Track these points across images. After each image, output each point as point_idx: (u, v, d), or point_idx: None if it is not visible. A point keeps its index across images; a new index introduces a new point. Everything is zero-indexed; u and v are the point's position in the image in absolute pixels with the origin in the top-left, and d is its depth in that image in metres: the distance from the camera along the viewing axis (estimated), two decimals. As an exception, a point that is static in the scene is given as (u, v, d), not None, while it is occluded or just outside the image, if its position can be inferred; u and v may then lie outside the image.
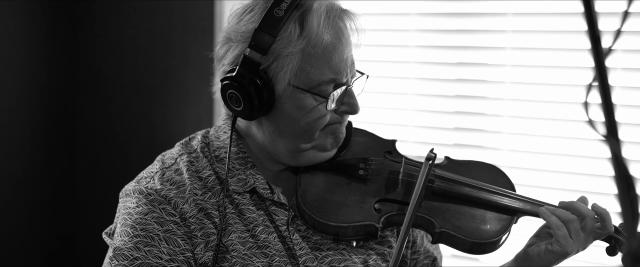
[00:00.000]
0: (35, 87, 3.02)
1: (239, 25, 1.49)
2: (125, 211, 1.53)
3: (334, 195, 1.56)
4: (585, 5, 0.73)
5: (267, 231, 1.53)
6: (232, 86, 1.46)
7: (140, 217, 1.49)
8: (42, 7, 3.00)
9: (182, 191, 1.52)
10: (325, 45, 1.46)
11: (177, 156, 1.58)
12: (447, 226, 1.54)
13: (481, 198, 1.58)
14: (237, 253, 1.50)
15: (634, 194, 0.73)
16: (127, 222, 1.50)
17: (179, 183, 1.53)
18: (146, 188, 1.52)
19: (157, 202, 1.50)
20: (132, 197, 1.53)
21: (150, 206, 1.50)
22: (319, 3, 1.47)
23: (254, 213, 1.54)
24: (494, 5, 2.51)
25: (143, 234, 1.48)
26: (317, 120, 1.50)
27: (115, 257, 1.48)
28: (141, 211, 1.50)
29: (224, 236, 1.50)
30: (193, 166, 1.56)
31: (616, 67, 2.29)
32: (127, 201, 1.54)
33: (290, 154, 1.54)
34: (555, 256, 1.51)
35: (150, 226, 1.48)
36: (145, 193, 1.51)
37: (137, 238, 1.48)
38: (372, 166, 1.59)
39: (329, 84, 1.48)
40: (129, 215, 1.51)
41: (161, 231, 1.48)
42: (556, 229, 1.50)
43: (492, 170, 1.69)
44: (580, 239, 1.51)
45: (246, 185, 1.54)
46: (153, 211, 1.49)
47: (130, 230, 1.49)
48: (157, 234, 1.48)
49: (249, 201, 1.54)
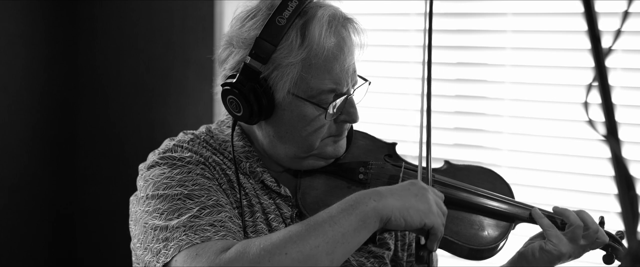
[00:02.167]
0: (35, 87, 3.02)
1: (241, 30, 1.48)
2: (161, 177, 1.45)
3: (333, 198, 1.55)
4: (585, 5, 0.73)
5: (277, 220, 1.53)
6: (232, 92, 1.45)
7: (184, 176, 1.44)
8: (42, 7, 3.01)
9: (206, 158, 1.50)
10: (326, 55, 1.45)
11: (188, 139, 1.56)
12: (445, 232, 1.54)
13: (480, 204, 1.57)
14: (256, 234, 1.48)
15: (634, 194, 0.73)
16: (171, 184, 1.43)
17: (202, 153, 1.51)
18: (177, 155, 1.48)
19: (193, 163, 1.47)
20: (162, 165, 1.48)
21: (189, 166, 1.46)
22: (322, 11, 1.46)
23: (266, 201, 1.54)
24: (494, 5, 2.51)
25: (197, 188, 1.42)
26: (317, 130, 1.49)
27: (185, 198, 1.41)
28: (181, 171, 1.45)
29: (248, 215, 1.49)
30: (209, 145, 1.55)
31: (616, 67, 2.29)
32: (155, 170, 1.48)
33: (289, 159, 1.54)
34: (549, 256, 1.52)
35: (200, 181, 1.44)
36: (178, 158, 1.48)
37: (193, 191, 1.42)
38: (372, 171, 1.59)
39: (329, 93, 1.47)
40: (169, 178, 1.44)
41: (213, 185, 1.45)
42: (547, 229, 1.52)
43: (492, 176, 1.68)
44: (577, 245, 1.52)
45: (255, 176, 1.55)
46: (194, 170, 1.45)
47: (180, 188, 1.42)
48: (211, 187, 1.44)
49: (261, 189, 1.54)
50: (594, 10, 0.73)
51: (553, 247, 1.51)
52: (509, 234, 1.57)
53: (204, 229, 1.36)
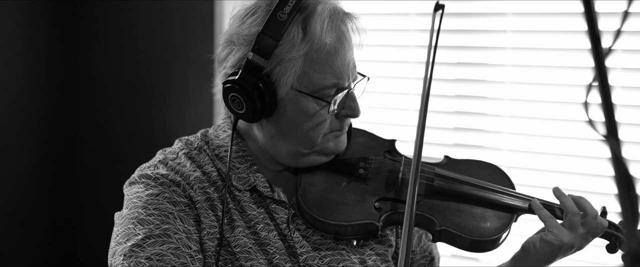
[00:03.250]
0: (35, 87, 3.02)
1: (241, 28, 1.48)
2: (134, 196, 1.50)
3: (334, 194, 1.56)
4: (585, 5, 0.73)
5: (267, 229, 1.53)
6: (235, 89, 1.46)
7: (151, 198, 1.47)
8: (42, 7, 3.00)
9: (186, 177, 1.52)
10: (328, 50, 1.46)
11: (178, 150, 1.58)
12: (447, 224, 1.54)
13: (481, 196, 1.58)
14: (240, 249, 1.50)
15: (634, 194, 0.73)
16: (138, 204, 1.48)
17: (183, 172, 1.53)
18: (153, 173, 1.51)
19: (166, 184, 1.49)
20: (139, 183, 1.51)
21: (161, 188, 1.49)
22: (322, 6, 1.47)
23: (254, 211, 1.54)
24: (494, 5, 2.51)
25: (157, 213, 1.46)
26: (319, 125, 1.50)
27: (139, 223, 1.45)
28: (152, 192, 1.48)
29: (228, 231, 1.50)
30: (195, 161, 1.56)
31: (616, 67, 2.29)
32: (133, 188, 1.52)
33: (290, 156, 1.54)
34: (550, 246, 1.51)
35: (163, 205, 1.47)
36: (153, 177, 1.50)
37: (152, 216, 1.46)
38: (372, 165, 1.60)
39: (331, 88, 1.48)
40: (139, 198, 1.49)
41: (175, 210, 1.47)
42: (546, 220, 1.52)
43: (492, 168, 1.69)
44: (577, 234, 1.51)
45: (246, 183, 1.54)
46: (164, 192, 1.48)
47: (143, 210, 1.47)
48: (172, 213, 1.46)
49: (250, 198, 1.54)
50: (594, 10, 0.73)
51: (553, 238, 1.50)
52: (511, 225, 1.57)
53: (139, 263, 1.41)
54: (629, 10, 0.76)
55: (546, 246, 1.51)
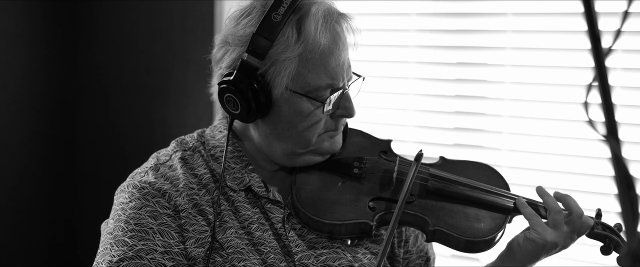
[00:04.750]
0: (35, 87, 3.02)
1: (236, 28, 1.49)
2: (119, 206, 1.53)
3: (328, 193, 1.57)
4: (585, 5, 0.73)
5: (262, 229, 1.53)
6: (230, 90, 1.46)
7: (133, 212, 1.49)
8: (42, 7, 3.01)
9: (175, 184, 1.52)
10: (322, 50, 1.46)
11: (172, 152, 1.59)
12: (440, 225, 1.55)
13: (475, 197, 1.58)
14: (232, 249, 1.50)
15: (634, 194, 0.73)
16: (121, 218, 1.50)
17: (172, 178, 1.54)
18: (139, 182, 1.53)
19: (150, 195, 1.50)
20: (126, 192, 1.53)
21: (143, 200, 1.50)
22: (316, 7, 1.47)
23: (249, 211, 1.54)
24: (494, 5, 2.51)
25: (137, 228, 1.48)
26: (314, 125, 1.50)
27: (115, 244, 1.48)
28: (134, 205, 1.50)
29: (220, 233, 1.51)
30: (187, 163, 1.57)
31: (616, 67, 2.29)
32: (120, 197, 1.54)
33: (286, 156, 1.55)
34: (534, 244, 1.51)
35: (144, 221, 1.48)
36: (139, 187, 1.52)
37: (132, 232, 1.48)
38: (367, 165, 1.60)
39: (326, 88, 1.49)
40: (123, 210, 1.51)
41: (155, 225, 1.48)
42: (530, 218, 1.52)
43: (487, 169, 1.69)
44: (561, 232, 1.51)
45: (241, 183, 1.55)
46: (146, 205, 1.50)
47: (124, 225, 1.49)
48: (152, 228, 1.48)
49: (244, 199, 1.55)
50: (594, 10, 0.73)
51: (537, 236, 1.51)
52: (505, 226, 1.58)
53: None
54: (629, 10, 0.76)
55: (529, 244, 1.52)
